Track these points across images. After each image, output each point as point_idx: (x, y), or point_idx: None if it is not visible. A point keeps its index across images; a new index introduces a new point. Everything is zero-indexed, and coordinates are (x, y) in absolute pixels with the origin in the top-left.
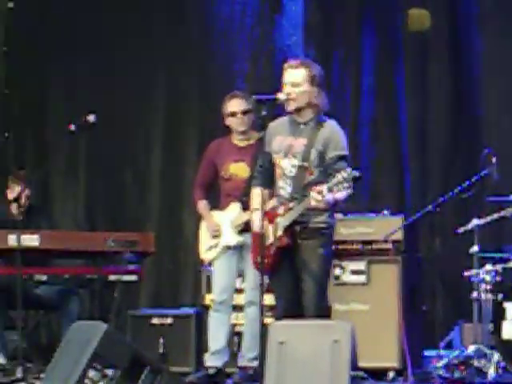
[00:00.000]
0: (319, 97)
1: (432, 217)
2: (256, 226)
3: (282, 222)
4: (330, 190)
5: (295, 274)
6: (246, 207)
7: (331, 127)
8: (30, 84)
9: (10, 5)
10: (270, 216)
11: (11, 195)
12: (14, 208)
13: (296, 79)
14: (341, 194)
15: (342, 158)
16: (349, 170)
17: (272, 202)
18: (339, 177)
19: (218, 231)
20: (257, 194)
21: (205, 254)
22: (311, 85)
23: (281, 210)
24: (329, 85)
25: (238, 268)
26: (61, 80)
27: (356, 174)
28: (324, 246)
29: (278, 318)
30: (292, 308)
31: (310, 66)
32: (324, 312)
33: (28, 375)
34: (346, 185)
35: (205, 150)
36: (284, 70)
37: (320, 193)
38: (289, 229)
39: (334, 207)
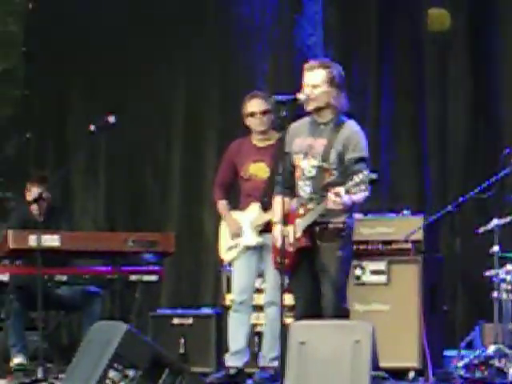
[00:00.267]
0: (338, 97)
1: (452, 217)
2: (276, 241)
3: (301, 223)
4: (348, 191)
5: (314, 275)
6: (266, 207)
7: (351, 128)
8: (50, 84)
9: (30, 6)
10: (290, 217)
11: (30, 197)
12: (34, 209)
13: (315, 80)
14: (358, 196)
15: (361, 159)
16: (366, 172)
17: (293, 203)
18: (356, 179)
19: (239, 232)
20: (278, 202)
21: (225, 255)
22: (330, 85)
23: (301, 211)
24: (349, 85)
25: (258, 268)
26: (80, 80)
27: (373, 176)
28: (343, 248)
29: (297, 319)
30: (311, 309)
31: (330, 66)
32: (342, 314)
33: (49, 375)
34: (362, 187)
35: (225, 150)
36: (304, 70)
37: (337, 194)
38: (308, 230)
39: (351, 209)
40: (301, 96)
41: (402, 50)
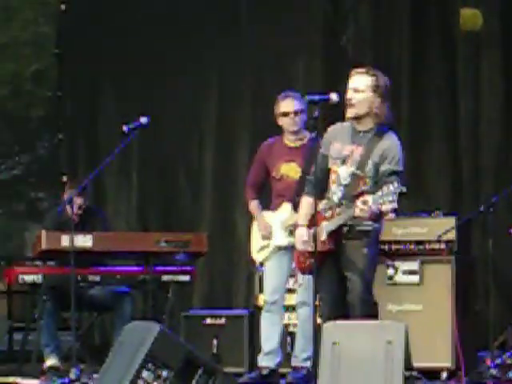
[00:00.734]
0: (381, 107)
1: (485, 217)
2: (297, 243)
3: (327, 226)
4: (376, 201)
5: (340, 275)
6: (297, 207)
7: (391, 140)
8: (82, 85)
9: (63, 7)
10: (318, 219)
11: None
12: (68, 210)
13: (359, 85)
14: (386, 207)
15: (394, 172)
16: (396, 184)
17: (321, 204)
18: (385, 190)
19: (270, 232)
20: (306, 203)
21: (256, 255)
22: (374, 93)
23: (328, 214)
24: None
25: (290, 268)
26: (113, 81)
27: (403, 189)
28: (369, 246)
29: (323, 320)
30: (336, 310)
31: (376, 75)
32: (370, 309)
33: (82, 376)
34: (390, 198)
35: (256, 151)
36: (351, 76)
37: (365, 203)
38: (333, 233)
39: (377, 219)
40: (334, 96)
41: (435, 49)
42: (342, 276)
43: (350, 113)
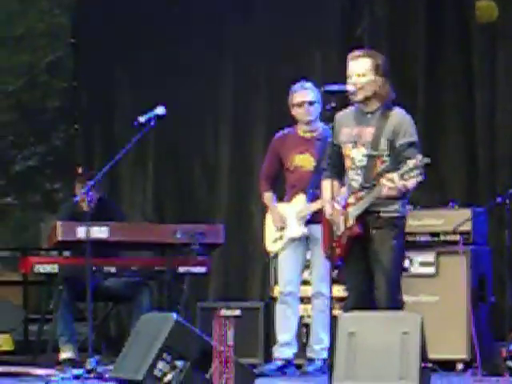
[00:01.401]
0: (385, 86)
1: (501, 208)
2: (328, 214)
3: (353, 211)
4: (402, 177)
5: (367, 265)
6: (311, 198)
7: (399, 114)
8: (98, 76)
9: None
10: (341, 206)
11: (78, 192)
12: (83, 202)
13: (361, 69)
14: (412, 182)
15: (411, 144)
16: (419, 156)
17: (342, 192)
18: (410, 164)
19: (284, 223)
20: (327, 185)
21: (270, 246)
22: (376, 74)
23: (351, 200)
24: (397, 75)
25: (305, 259)
26: (129, 71)
27: (427, 160)
28: (396, 237)
29: (347, 310)
30: (362, 301)
31: (375, 55)
32: (396, 304)
33: (97, 366)
34: (417, 171)
35: (270, 142)
36: (348, 60)
37: (391, 180)
38: (360, 218)
39: (404, 196)
40: (350, 87)
41: (451, 40)
42: (369, 267)
43: (358, 96)
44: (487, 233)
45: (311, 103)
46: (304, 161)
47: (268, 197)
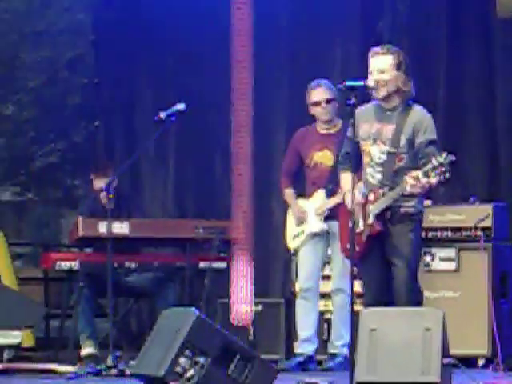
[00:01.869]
0: (406, 83)
1: None
2: (349, 204)
3: (374, 208)
4: (426, 175)
5: (385, 262)
6: (330, 194)
7: (420, 112)
8: (119, 72)
9: None
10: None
11: (96, 187)
12: (103, 197)
13: (383, 65)
14: (435, 180)
15: (431, 142)
16: (445, 154)
17: (360, 187)
18: (434, 162)
19: (304, 218)
20: (346, 177)
21: (290, 243)
22: (398, 70)
23: (371, 197)
24: (419, 72)
25: (325, 255)
26: (149, 67)
27: (452, 158)
28: (414, 231)
29: (366, 306)
30: (381, 297)
31: (396, 52)
32: (416, 296)
33: (118, 362)
34: (442, 169)
35: (291, 139)
36: (370, 57)
37: (416, 178)
38: (380, 215)
39: (427, 193)
40: (370, 83)
41: (472, 35)
42: (387, 262)
43: (381, 93)
44: (508, 228)
45: (328, 101)
46: (323, 157)
47: (288, 193)
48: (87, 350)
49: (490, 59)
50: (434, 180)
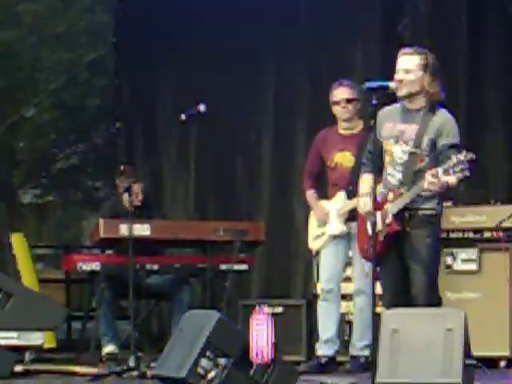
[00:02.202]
0: (433, 85)
1: None
2: (362, 209)
3: (392, 207)
4: (446, 172)
5: (403, 263)
6: (350, 196)
7: (444, 115)
8: (140, 74)
9: None
10: (378, 203)
11: (120, 189)
12: (125, 200)
13: (409, 65)
14: (456, 178)
15: (453, 146)
16: (464, 151)
17: (379, 188)
18: (454, 159)
19: (326, 219)
20: (367, 179)
21: (312, 243)
22: (424, 72)
23: (390, 196)
24: (441, 74)
25: (347, 256)
26: (170, 69)
27: (472, 156)
28: (431, 235)
29: (385, 307)
30: (399, 299)
31: (425, 53)
32: (433, 302)
33: (140, 364)
34: (462, 166)
35: (313, 138)
36: (398, 56)
37: (435, 175)
38: (397, 215)
39: (447, 192)
40: (392, 84)
41: (493, 37)
42: (405, 265)
43: (402, 91)
44: None
45: (349, 101)
46: (344, 158)
47: (311, 194)
48: (108, 351)
49: (511, 60)
50: (452, 178)
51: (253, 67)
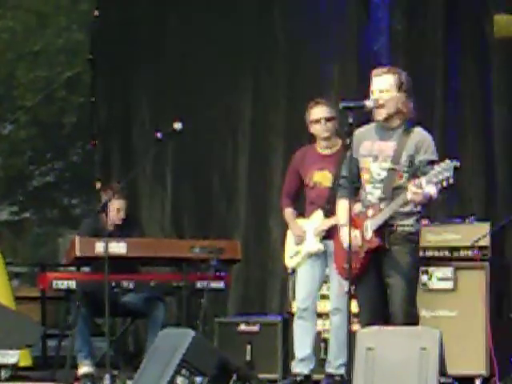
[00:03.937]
0: (407, 103)
1: None
2: (344, 242)
3: (373, 223)
4: (429, 181)
5: (381, 282)
6: (328, 214)
7: (421, 132)
8: (116, 91)
9: (96, 13)
10: (356, 221)
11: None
12: (103, 218)
13: (384, 85)
14: (438, 187)
15: (431, 162)
16: (448, 160)
17: (357, 207)
18: (437, 168)
19: (303, 237)
20: (344, 207)
21: (288, 262)
22: (399, 91)
23: (370, 213)
24: (415, 90)
25: (323, 274)
26: (146, 87)
27: (455, 163)
28: (412, 253)
29: (362, 326)
30: (376, 316)
31: (398, 72)
32: (412, 319)
33: (115, 382)
34: (447, 174)
35: (291, 158)
36: (372, 77)
37: (418, 186)
38: (378, 231)
39: (429, 203)
40: (369, 103)
41: (469, 55)
42: (384, 283)
43: (380, 114)
44: (505, 247)
45: (328, 119)
46: (323, 177)
47: (288, 213)
48: (84, 369)
49: (487, 77)
50: (435, 188)
51: (229, 83)
